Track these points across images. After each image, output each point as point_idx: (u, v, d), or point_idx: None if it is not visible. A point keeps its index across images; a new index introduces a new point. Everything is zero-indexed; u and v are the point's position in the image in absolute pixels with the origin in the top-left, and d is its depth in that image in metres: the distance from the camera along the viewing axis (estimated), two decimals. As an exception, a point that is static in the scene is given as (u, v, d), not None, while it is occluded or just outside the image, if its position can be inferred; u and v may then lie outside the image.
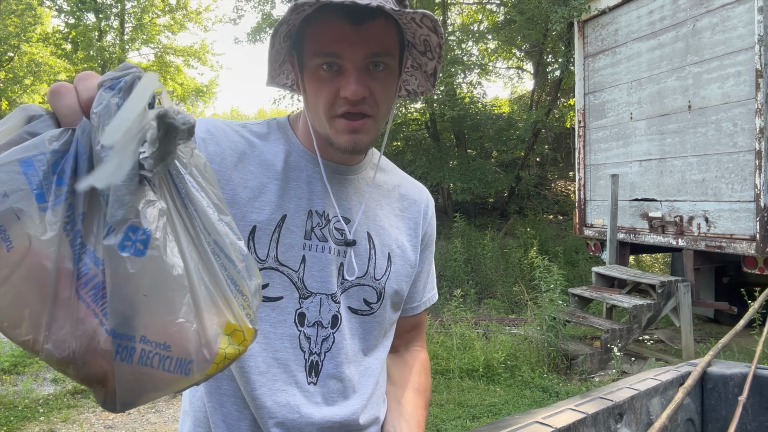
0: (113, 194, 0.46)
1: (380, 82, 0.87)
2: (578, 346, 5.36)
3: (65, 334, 0.47)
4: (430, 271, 1.14)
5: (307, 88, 0.89)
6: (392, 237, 1.02)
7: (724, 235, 5.29)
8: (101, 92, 0.48)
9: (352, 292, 0.96)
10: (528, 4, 10.38)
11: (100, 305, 0.48)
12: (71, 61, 19.36)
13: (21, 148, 0.46)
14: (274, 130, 0.99)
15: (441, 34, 0.90)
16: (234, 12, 19.72)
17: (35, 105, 0.50)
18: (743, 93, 5.09)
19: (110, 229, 0.47)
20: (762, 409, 1.41)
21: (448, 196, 12.29)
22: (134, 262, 0.47)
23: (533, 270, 6.23)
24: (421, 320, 1.16)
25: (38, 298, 0.46)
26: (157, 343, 0.48)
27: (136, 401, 0.51)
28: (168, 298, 0.48)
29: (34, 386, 4.73)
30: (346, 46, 0.83)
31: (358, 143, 0.88)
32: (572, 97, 11.24)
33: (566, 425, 1.08)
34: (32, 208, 0.45)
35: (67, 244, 0.47)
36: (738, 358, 4.99)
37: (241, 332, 0.54)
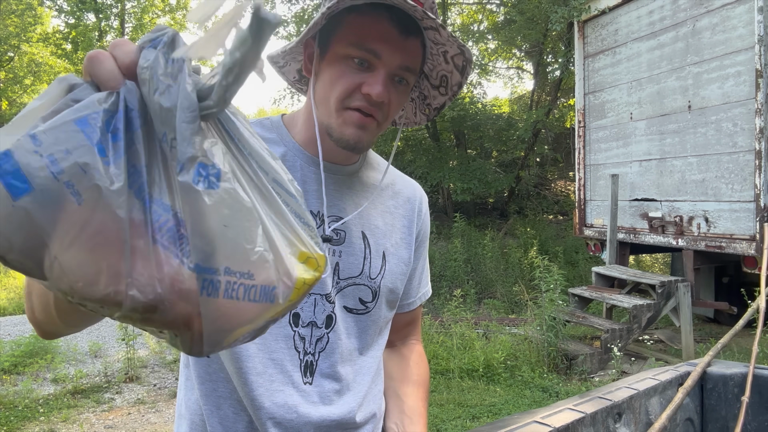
0: (179, 135, 0.47)
1: (397, 96, 0.89)
2: (578, 346, 5.36)
3: (149, 278, 0.47)
4: (425, 266, 1.14)
5: (323, 72, 0.89)
6: (386, 236, 1.02)
7: (724, 235, 5.29)
8: (145, 51, 0.49)
9: (347, 292, 0.96)
10: (528, 4, 10.39)
11: (178, 246, 0.48)
12: (71, 61, 19.36)
13: (72, 110, 0.47)
14: (269, 129, 0.98)
15: (467, 75, 0.91)
16: (234, 12, 19.71)
17: (72, 75, 0.50)
18: (743, 93, 5.09)
19: (182, 167, 0.48)
20: (762, 409, 1.41)
21: (448, 196, 12.30)
22: (210, 195, 0.48)
23: (533, 270, 6.23)
24: (416, 315, 1.17)
25: (115, 249, 0.46)
26: (241, 273, 0.49)
27: (223, 340, 0.51)
28: (245, 228, 0.49)
29: (34, 386, 4.73)
30: (388, 49, 0.84)
31: (361, 140, 0.88)
32: (572, 97, 11.25)
33: (565, 425, 1.08)
34: (96, 160, 0.46)
35: (133, 195, 0.47)
36: (738, 358, 4.99)
37: (314, 259, 0.56)
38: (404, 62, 0.86)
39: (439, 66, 0.95)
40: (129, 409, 4.43)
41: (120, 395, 4.73)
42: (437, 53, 0.92)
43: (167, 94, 0.47)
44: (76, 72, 19.56)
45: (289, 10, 14.21)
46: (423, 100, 1.03)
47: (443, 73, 0.96)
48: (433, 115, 1.03)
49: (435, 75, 0.97)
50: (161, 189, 0.49)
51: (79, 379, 4.93)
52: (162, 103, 0.47)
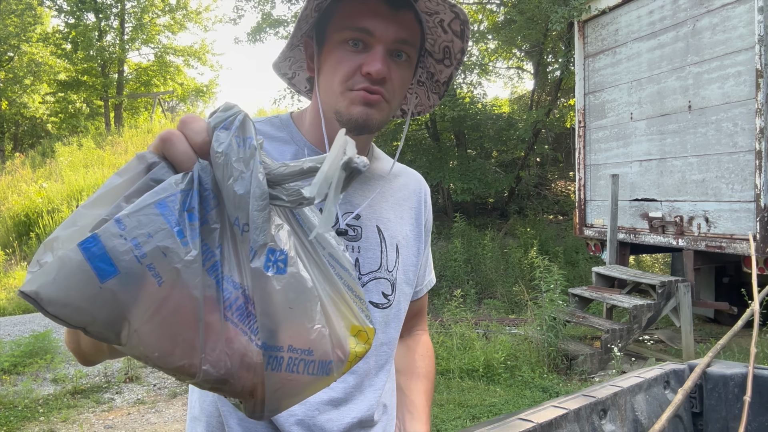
0: (252, 223, 0.52)
1: (400, 71, 0.88)
2: (578, 347, 5.36)
3: (219, 354, 0.51)
4: (429, 255, 1.16)
5: (324, 65, 0.89)
6: (398, 228, 1.02)
7: (724, 236, 5.28)
8: (218, 133, 0.52)
9: (370, 287, 0.96)
10: (528, 4, 10.38)
11: (246, 324, 0.53)
12: (71, 61, 19.36)
13: (153, 193, 0.50)
14: (279, 128, 0.98)
15: (467, 38, 0.91)
16: (234, 12, 19.73)
17: (149, 153, 0.54)
18: (743, 93, 5.09)
19: (254, 254, 0.52)
20: (762, 409, 1.41)
21: (448, 197, 12.29)
22: (279, 280, 0.52)
23: (533, 270, 6.23)
24: (423, 304, 1.18)
25: (189, 325, 0.50)
26: (302, 350, 0.54)
27: (281, 406, 0.56)
28: (307, 308, 0.54)
29: (34, 386, 4.73)
30: (379, 24, 0.84)
31: (370, 117, 0.87)
32: (572, 97, 11.24)
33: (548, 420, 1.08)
34: (176, 244, 0.49)
35: (206, 274, 0.51)
36: (738, 358, 4.99)
37: (364, 332, 0.60)
38: (399, 35, 0.86)
39: (439, 38, 0.95)
40: (129, 410, 4.42)
41: (120, 395, 4.72)
42: (434, 25, 0.92)
43: (240, 181, 0.51)
44: (75, 72, 19.55)
45: (289, 10, 14.20)
46: (431, 78, 1.03)
47: (445, 44, 0.95)
48: (443, 90, 1.02)
49: (437, 49, 0.97)
50: (231, 266, 0.53)
51: (79, 379, 4.93)
52: (236, 189, 0.51)
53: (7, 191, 13.09)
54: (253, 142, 0.52)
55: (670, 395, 1.33)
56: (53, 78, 20.40)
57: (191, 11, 20.63)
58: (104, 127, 18.83)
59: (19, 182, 13.51)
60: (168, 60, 21.05)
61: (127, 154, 14.45)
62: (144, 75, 20.93)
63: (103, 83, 19.30)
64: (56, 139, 17.82)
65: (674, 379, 1.37)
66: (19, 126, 21.27)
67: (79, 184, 12.30)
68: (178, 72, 21.29)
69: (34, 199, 11.94)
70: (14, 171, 14.55)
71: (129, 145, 15.17)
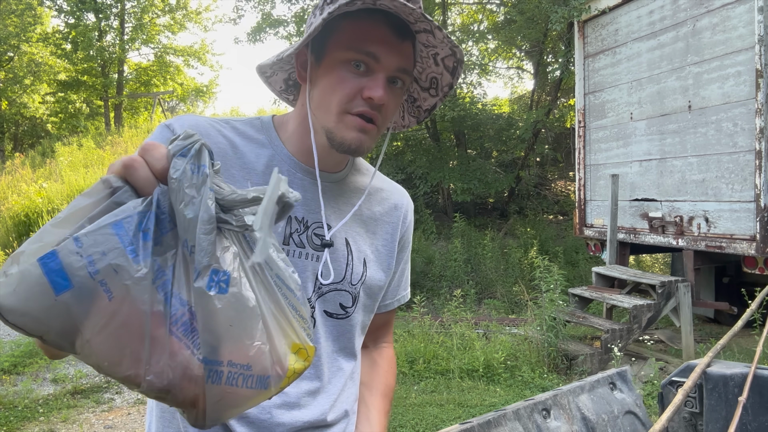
0: (197, 245, 0.56)
1: (394, 98, 0.90)
2: (578, 347, 5.36)
3: (163, 366, 0.55)
4: (405, 270, 1.16)
5: (320, 79, 0.89)
6: (368, 242, 1.03)
7: (724, 236, 5.28)
8: (175, 160, 0.57)
9: (329, 297, 0.98)
10: (528, 4, 10.38)
11: (190, 338, 0.56)
12: (71, 61, 19.36)
13: (111, 215, 0.55)
14: (258, 130, 0.98)
15: (458, 76, 0.93)
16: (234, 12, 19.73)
17: (113, 177, 0.58)
18: (743, 93, 5.09)
19: (198, 274, 0.56)
20: (762, 409, 1.41)
21: (448, 197, 12.29)
22: (220, 299, 0.56)
23: (533, 270, 6.23)
24: (391, 317, 1.19)
25: (136, 338, 0.54)
26: (241, 365, 0.58)
27: (222, 417, 0.60)
28: (247, 326, 0.57)
29: (33, 386, 4.73)
30: (385, 52, 0.85)
31: (362, 144, 0.89)
32: (572, 97, 11.24)
33: (486, 420, 1.09)
34: (127, 262, 0.53)
35: (156, 290, 0.55)
36: (738, 358, 4.99)
37: (305, 350, 0.64)
38: (401, 64, 0.87)
39: (428, 68, 0.96)
40: (129, 410, 4.42)
41: (120, 395, 4.72)
42: (427, 56, 0.94)
43: (191, 206, 0.56)
44: (75, 72, 19.55)
45: (289, 10, 14.18)
46: (412, 102, 1.03)
47: (433, 75, 0.97)
48: (424, 116, 1.03)
49: (425, 77, 0.98)
50: (180, 285, 0.57)
51: (79, 379, 4.93)
52: (186, 214, 0.55)
53: (7, 191, 13.09)
54: (206, 169, 0.57)
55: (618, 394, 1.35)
56: (53, 78, 20.40)
57: (191, 11, 20.63)
58: (104, 127, 18.83)
59: (19, 182, 13.51)
60: (168, 60, 21.06)
61: (126, 155, 14.43)
62: (144, 75, 20.94)
63: (103, 83, 19.30)
64: (56, 139, 17.82)
65: (619, 380, 1.38)
66: (19, 126, 21.27)
67: (79, 184, 12.30)
68: (178, 72, 21.30)
69: (34, 199, 11.94)
70: (14, 171, 14.55)
71: (129, 145, 15.16)
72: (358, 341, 1.06)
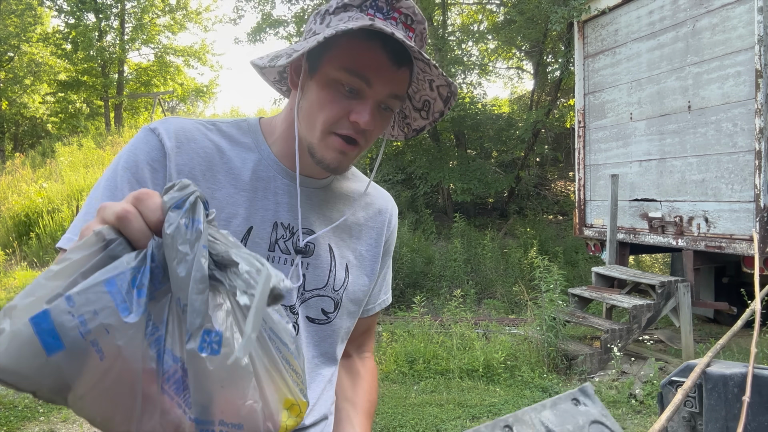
0: (190, 306, 0.55)
1: (382, 122, 0.90)
2: (578, 347, 5.36)
3: (154, 424, 0.55)
4: (387, 275, 1.16)
5: (310, 92, 0.88)
6: (351, 248, 1.03)
7: (723, 236, 5.29)
8: (170, 213, 0.55)
9: (311, 303, 0.98)
10: (528, 4, 10.38)
11: (182, 396, 0.56)
12: (71, 61, 19.36)
13: (104, 271, 0.54)
14: (245, 132, 0.97)
15: (450, 105, 0.93)
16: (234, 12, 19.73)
17: (107, 229, 0.56)
18: (743, 93, 5.09)
19: (189, 336, 0.55)
20: (762, 409, 1.41)
21: (447, 197, 12.29)
22: (212, 360, 0.55)
23: (533, 270, 6.23)
24: (373, 323, 1.19)
25: (128, 395, 0.55)
26: (233, 424, 0.57)
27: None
28: (239, 386, 0.57)
29: (34, 386, 4.73)
30: (379, 78, 0.85)
31: (342, 165, 0.91)
32: (572, 97, 11.24)
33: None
34: (119, 321, 0.53)
35: (149, 347, 0.55)
36: (737, 358, 4.99)
37: (297, 406, 0.63)
38: (393, 91, 0.87)
39: (423, 90, 0.96)
40: (129, 409, 4.43)
41: (120, 395, 4.72)
42: (423, 80, 0.93)
43: (183, 264, 0.54)
44: (75, 72, 19.55)
45: (289, 10, 14.19)
46: (403, 119, 1.03)
47: (426, 98, 0.96)
48: (411, 134, 1.03)
49: (418, 98, 0.97)
50: (174, 340, 0.56)
51: (79, 379, 4.93)
52: (178, 272, 0.54)
53: (7, 191, 13.09)
54: (200, 225, 0.55)
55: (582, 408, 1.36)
56: (53, 78, 20.40)
57: (191, 11, 20.63)
58: (104, 127, 18.84)
59: (19, 182, 13.51)
60: (168, 60, 21.06)
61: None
62: (144, 75, 20.94)
63: (103, 83, 19.30)
64: (56, 139, 17.82)
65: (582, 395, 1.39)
66: (19, 126, 21.27)
67: (79, 184, 12.31)
68: (178, 72, 21.30)
69: (34, 199, 11.94)
70: (14, 171, 14.55)
71: (129, 145, 15.15)
72: (340, 347, 1.06)
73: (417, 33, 0.88)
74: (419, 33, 0.88)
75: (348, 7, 0.84)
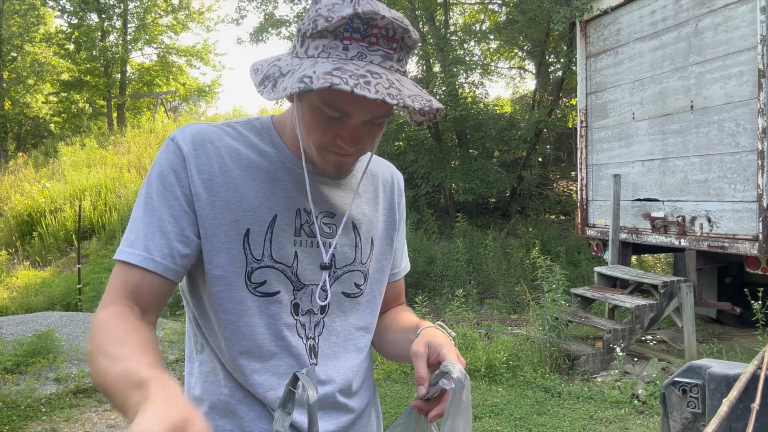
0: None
1: (372, 131, 0.92)
2: (580, 347, 5.35)
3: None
4: (403, 240, 1.23)
5: (301, 110, 0.91)
6: (373, 222, 1.10)
7: (726, 236, 5.27)
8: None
9: (344, 278, 1.05)
10: (530, 4, 10.37)
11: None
12: (74, 61, 19.40)
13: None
14: (259, 130, 1.02)
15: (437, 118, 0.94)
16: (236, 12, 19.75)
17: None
18: (746, 93, 5.08)
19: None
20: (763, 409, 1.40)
21: (450, 196, 12.28)
22: None
23: (535, 270, 6.22)
24: (401, 287, 1.26)
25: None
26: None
27: None
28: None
29: (36, 386, 4.74)
30: (358, 110, 0.86)
31: (342, 171, 0.98)
32: (574, 97, 11.22)
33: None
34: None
35: None
36: (741, 359, 4.98)
37: None
38: (375, 114, 0.88)
39: None
40: (131, 409, 4.43)
41: (122, 395, 4.73)
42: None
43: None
44: (78, 72, 19.56)
45: (291, 10, 14.21)
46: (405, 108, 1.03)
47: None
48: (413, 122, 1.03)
49: None
50: None
51: (82, 378, 4.94)
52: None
53: (10, 191, 13.12)
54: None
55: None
56: (56, 78, 20.44)
57: (194, 11, 20.66)
58: (107, 127, 18.86)
59: (22, 182, 13.54)
60: (170, 60, 21.09)
61: (129, 154, 14.47)
62: (147, 75, 20.97)
63: (105, 83, 19.33)
64: (59, 139, 17.86)
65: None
66: (22, 126, 21.31)
67: (82, 183, 12.33)
68: (181, 72, 21.33)
69: (36, 199, 11.96)
70: (17, 171, 14.58)
71: (131, 145, 15.19)
72: (374, 318, 1.12)
73: (401, 43, 0.85)
74: (407, 39, 0.86)
75: (324, 34, 0.83)
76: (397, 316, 1.18)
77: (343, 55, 0.82)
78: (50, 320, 6.52)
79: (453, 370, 0.86)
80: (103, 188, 12.15)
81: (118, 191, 12.15)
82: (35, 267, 10.54)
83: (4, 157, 17.86)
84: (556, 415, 4.15)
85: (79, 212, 9.06)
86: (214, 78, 35.93)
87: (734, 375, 1.45)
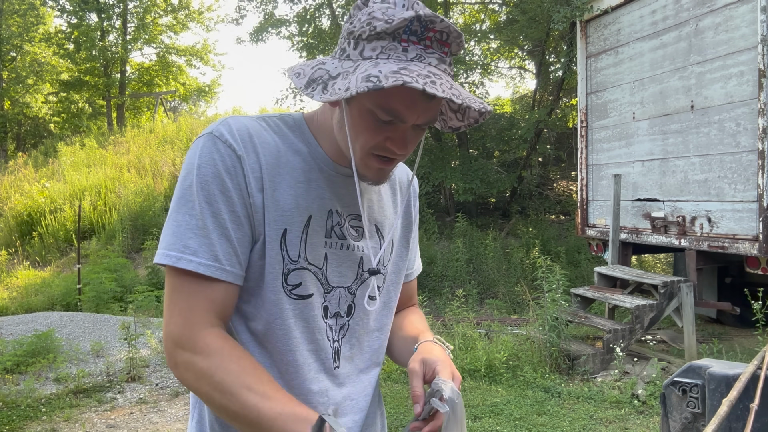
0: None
1: (418, 136, 0.93)
2: (580, 347, 5.35)
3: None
4: (416, 241, 1.25)
5: (348, 114, 0.90)
6: (393, 225, 1.12)
7: (726, 236, 5.27)
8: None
9: (369, 282, 1.06)
10: (530, 3, 10.37)
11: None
12: (74, 61, 19.39)
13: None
14: (292, 128, 1.01)
15: (485, 118, 0.95)
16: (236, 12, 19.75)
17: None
18: (746, 93, 5.07)
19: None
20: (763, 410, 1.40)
21: (450, 196, 12.28)
22: None
23: (535, 270, 6.22)
24: (414, 288, 1.28)
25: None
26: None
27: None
28: None
29: (36, 386, 4.74)
30: (412, 114, 0.87)
31: (382, 179, 0.97)
32: (574, 96, 11.22)
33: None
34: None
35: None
36: (740, 359, 4.98)
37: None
38: (426, 119, 0.89)
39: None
40: (131, 409, 4.43)
41: (122, 395, 4.73)
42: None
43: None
44: (77, 72, 19.56)
45: (291, 10, 14.21)
46: (440, 115, 1.04)
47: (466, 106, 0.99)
48: (447, 130, 1.06)
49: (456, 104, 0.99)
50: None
51: (82, 378, 4.94)
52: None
53: (9, 191, 13.12)
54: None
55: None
56: (56, 78, 20.44)
57: (193, 11, 20.65)
58: (107, 126, 18.86)
59: (21, 182, 13.54)
60: (170, 60, 21.09)
61: (129, 154, 14.47)
62: (146, 75, 20.97)
63: (105, 83, 19.33)
64: (59, 139, 17.86)
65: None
66: (21, 126, 21.31)
67: (82, 183, 12.33)
68: (181, 72, 21.32)
69: (36, 199, 11.96)
70: (17, 171, 14.58)
71: (131, 145, 15.18)
72: (389, 319, 1.14)
73: (453, 47, 0.88)
74: (456, 46, 0.88)
75: (382, 36, 0.84)
76: (404, 321, 1.19)
77: (403, 56, 0.83)
78: (50, 320, 6.52)
79: (444, 388, 0.87)
80: (103, 188, 12.15)
81: (118, 191, 12.14)
82: (35, 267, 10.54)
83: (4, 157, 17.86)
84: (556, 415, 4.15)
85: (79, 212, 9.06)
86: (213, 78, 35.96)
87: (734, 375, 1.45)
